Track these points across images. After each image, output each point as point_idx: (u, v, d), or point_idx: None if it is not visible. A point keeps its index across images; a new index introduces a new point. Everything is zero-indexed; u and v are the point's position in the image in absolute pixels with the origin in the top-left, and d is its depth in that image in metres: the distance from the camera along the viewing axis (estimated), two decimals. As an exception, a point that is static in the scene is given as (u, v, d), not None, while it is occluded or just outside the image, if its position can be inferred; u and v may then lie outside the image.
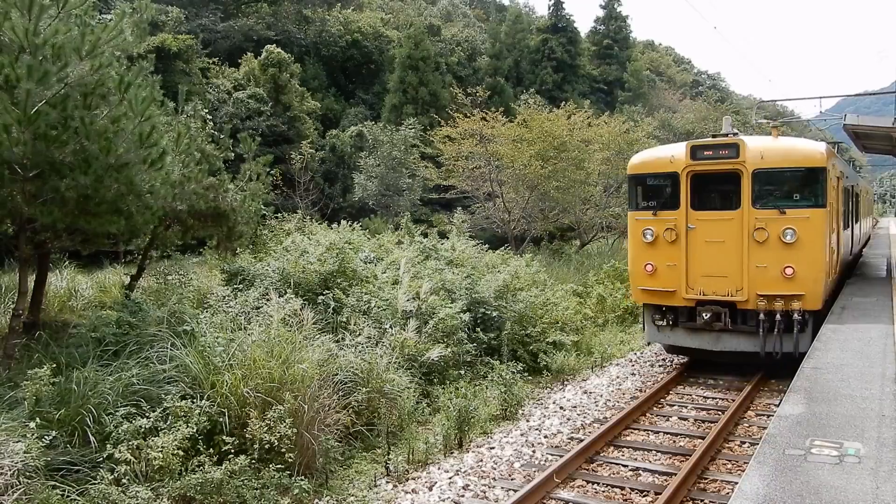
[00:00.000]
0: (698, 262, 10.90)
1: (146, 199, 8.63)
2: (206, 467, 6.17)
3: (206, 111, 12.64)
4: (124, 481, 5.97)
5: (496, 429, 8.96)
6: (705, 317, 10.74)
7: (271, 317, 8.62)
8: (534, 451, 8.14)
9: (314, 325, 8.98)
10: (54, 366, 6.86)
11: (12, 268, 13.95)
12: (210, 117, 12.73)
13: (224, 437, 6.63)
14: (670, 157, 11.27)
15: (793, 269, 10.17)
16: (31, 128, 7.22)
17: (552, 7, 64.70)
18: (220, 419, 6.87)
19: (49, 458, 5.93)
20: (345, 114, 46.40)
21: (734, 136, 11.28)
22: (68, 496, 5.79)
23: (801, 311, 10.20)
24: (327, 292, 10.62)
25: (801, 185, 10.57)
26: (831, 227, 11.16)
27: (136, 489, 5.82)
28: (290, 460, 6.71)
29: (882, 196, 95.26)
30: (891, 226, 46.78)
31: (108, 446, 6.18)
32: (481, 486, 7.11)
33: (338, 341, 8.95)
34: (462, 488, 7.04)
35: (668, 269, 11.06)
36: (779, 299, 10.26)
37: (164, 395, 6.86)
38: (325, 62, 49.88)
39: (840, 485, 4.81)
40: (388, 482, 7.25)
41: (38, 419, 6.10)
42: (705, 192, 11.10)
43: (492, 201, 25.79)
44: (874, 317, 10.80)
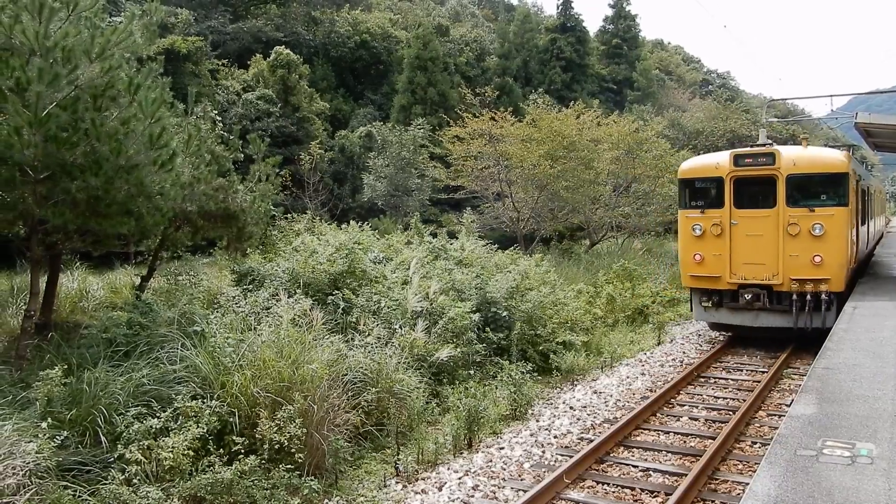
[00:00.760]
0: (740, 252, 12.86)
1: (156, 200, 8.67)
2: (217, 467, 6.18)
3: (216, 112, 12.66)
4: (135, 481, 5.99)
5: (506, 429, 8.95)
6: (747, 297, 12.68)
7: (281, 317, 8.65)
8: (543, 452, 8.13)
9: (324, 325, 8.99)
10: (66, 366, 6.91)
11: (24, 269, 14.03)
12: (219, 119, 12.76)
13: (234, 438, 6.65)
14: (716, 164, 13.25)
15: (820, 257, 12.14)
16: (42, 130, 7.26)
17: (561, 6, 64.56)
18: (231, 419, 6.89)
19: (61, 458, 5.96)
20: (354, 114, 46.48)
21: (770, 146, 13.28)
22: (80, 496, 5.82)
23: (827, 292, 12.07)
24: (337, 292, 10.63)
25: (827, 188, 12.47)
26: (851, 223, 12.98)
27: (147, 489, 5.85)
28: (299, 460, 6.73)
29: (894, 195, 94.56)
30: None
31: (119, 446, 6.21)
32: (491, 487, 7.10)
33: (347, 341, 8.96)
34: (472, 488, 7.03)
35: (715, 258, 13.04)
36: (809, 283, 12.18)
37: (174, 396, 6.89)
38: (333, 63, 49.96)
39: (852, 486, 4.77)
40: (397, 482, 7.25)
41: (49, 419, 6.13)
42: (746, 193, 12.97)
43: (501, 201, 25.76)
44: (885, 316, 10.77)
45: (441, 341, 10.14)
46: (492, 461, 7.79)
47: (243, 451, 6.56)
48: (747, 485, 5.90)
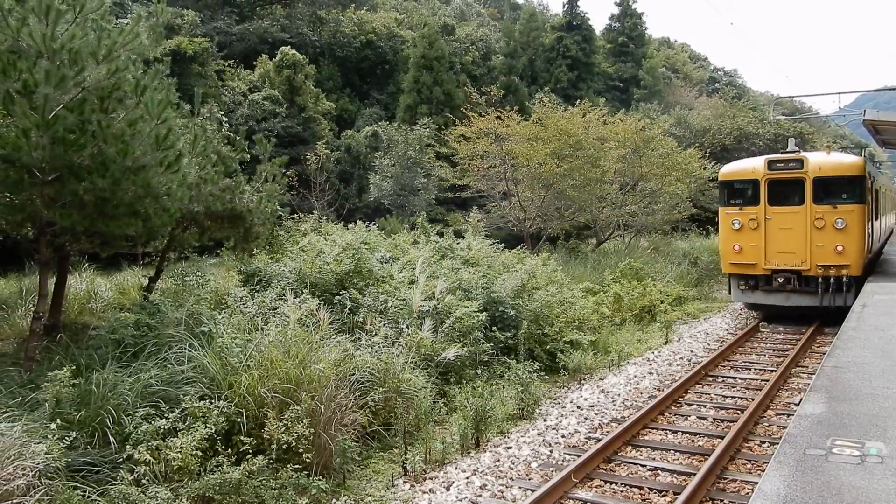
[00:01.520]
0: (773, 243, 15.18)
1: (163, 201, 8.68)
2: (225, 467, 6.19)
3: (222, 113, 12.65)
4: (144, 482, 6.01)
5: (513, 428, 8.94)
6: (779, 281, 15.06)
7: (288, 317, 8.65)
8: (551, 451, 8.11)
9: (331, 325, 9.00)
10: (74, 367, 6.93)
11: (32, 271, 14.10)
12: (226, 119, 12.77)
13: (242, 438, 6.65)
14: (752, 168, 15.67)
15: (842, 247, 14.46)
16: (50, 132, 7.29)
17: (567, 5, 64.50)
18: (238, 420, 6.90)
19: (70, 458, 5.98)
20: (359, 114, 46.53)
21: (798, 152, 15.74)
22: (89, 497, 5.84)
23: (847, 276, 14.39)
24: (344, 292, 10.64)
25: (847, 188, 14.72)
26: (867, 218, 15.24)
27: (156, 489, 5.86)
28: (307, 460, 6.73)
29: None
30: None
31: (127, 447, 6.23)
32: (499, 486, 7.09)
33: (354, 341, 8.96)
34: (479, 488, 7.03)
35: (751, 248, 15.32)
36: (832, 268, 14.47)
37: (182, 396, 6.89)
38: (339, 63, 50.02)
39: (862, 485, 4.75)
40: (405, 482, 7.25)
41: (58, 420, 6.16)
42: (778, 193, 15.25)
43: (507, 200, 25.73)
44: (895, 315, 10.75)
45: (448, 340, 10.14)
46: (499, 460, 7.78)
47: (251, 451, 6.56)
48: (756, 484, 5.88)
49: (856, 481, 4.81)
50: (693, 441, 8.50)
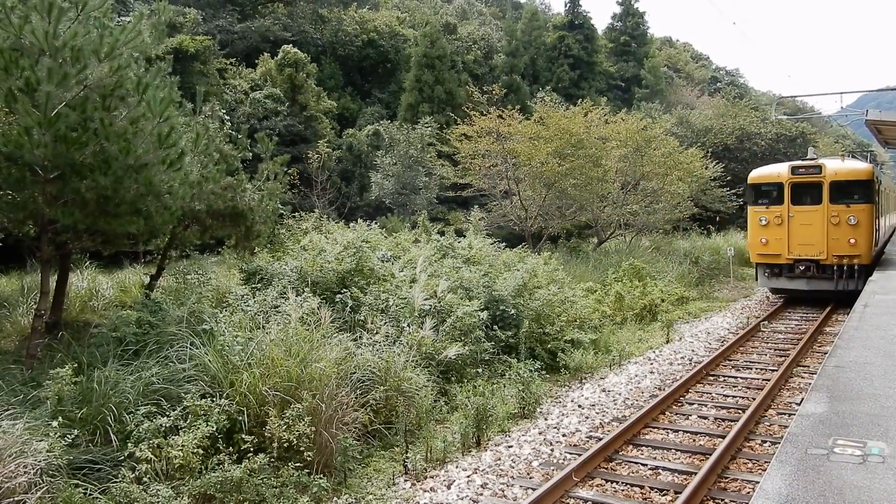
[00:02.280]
0: (795, 236, 17.50)
1: (165, 199, 8.70)
2: (226, 466, 6.20)
3: (224, 111, 12.67)
4: (145, 480, 6.02)
5: (514, 427, 8.94)
6: (800, 269, 17.44)
7: (289, 316, 8.66)
8: (552, 450, 8.11)
9: (332, 323, 9.00)
10: (76, 365, 6.94)
11: (34, 268, 14.10)
12: (227, 118, 12.78)
13: (243, 436, 6.66)
14: (777, 173, 18.03)
15: (854, 240, 16.75)
16: (52, 130, 7.30)
17: (568, 4, 64.36)
18: (240, 418, 6.91)
19: (71, 456, 6.00)
20: (361, 113, 46.46)
21: (816, 159, 18.35)
22: (90, 494, 5.85)
23: (858, 265, 16.73)
24: (345, 291, 10.64)
25: (858, 190, 17.07)
26: (875, 216, 17.60)
27: (157, 487, 5.87)
28: (308, 459, 6.74)
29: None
30: None
31: (129, 445, 6.24)
32: (500, 485, 7.09)
33: (355, 340, 8.96)
34: (480, 487, 7.03)
35: (776, 241, 17.69)
36: (846, 258, 16.79)
37: (183, 394, 6.91)
38: (341, 62, 49.95)
39: (864, 485, 4.74)
40: (406, 480, 7.25)
41: (60, 418, 6.16)
42: (800, 194, 17.61)
43: (509, 199, 25.71)
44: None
45: (449, 339, 10.14)
46: (500, 459, 7.78)
47: (252, 449, 6.58)
48: (757, 483, 5.88)
49: (857, 481, 4.81)
50: (694, 440, 8.50)
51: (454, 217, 32.18)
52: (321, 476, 6.79)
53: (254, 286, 11.09)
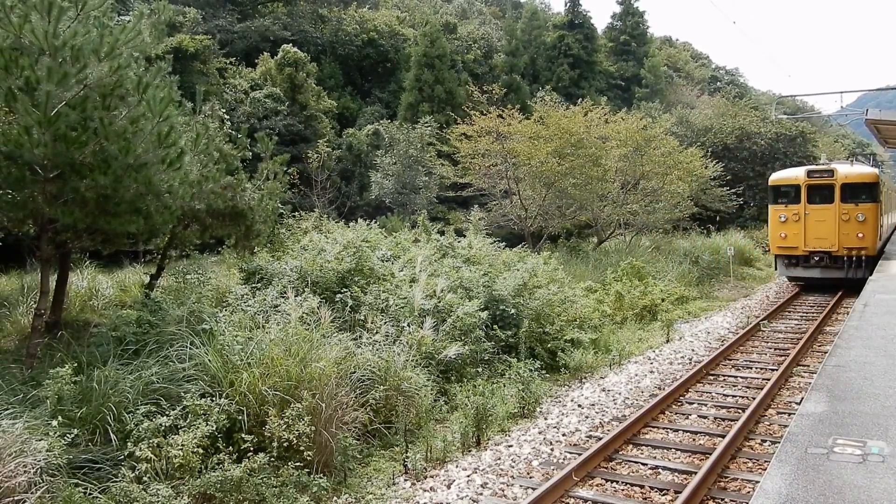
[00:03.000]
0: (811, 231, 19.79)
1: (165, 198, 8.69)
2: (226, 465, 6.20)
3: (224, 111, 12.65)
4: (145, 479, 6.02)
5: (514, 427, 8.94)
6: (815, 259, 19.76)
7: (289, 315, 8.65)
8: (552, 450, 8.11)
9: (332, 323, 9.00)
10: (76, 365, 6.94)
11: (34, 268, 14.10)
12: (227, 117, 12.76)
13: (243, 436, 6.66)
14: (795, 176, 20.53)
15: (862, 234, 19.09)
16: (52, 129, 7.29)
17: (568, 3, 64.24)
18: (239, 417, 6.91)
19: (71, 456, 5.99)
20: (361, 112, 46.41)
21: (829, 164, 20.98)
22: (90, 494, 5.84)
23: (865, 256, 19.13)
24: (345, 290, 10.63)
25: (865, 191, 19.47)
26: (880, 213, 20.13)
27: (157, 487, 5.87)
28: (308, 458, 6.74)
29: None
30: None
31: (128, 444, 6.24)
32: (499, 485, 7.09)
33: (355, 339, 8.97)
34: (480, 486, 7.03)
35: (794, 235, 19.97)
36: (854, 250, 19.13)
37: (183, 394, 6.91)
38: (341, 61, 49.89)
39: (864, 484, 4.74)
40: (406, 480, 7.25)
41: (60, 417, 6.16)
42: (815, 194, 19.89)
43: (508, 199, 25.70)
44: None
45: (449, 339, 10.14)
46: (500, 459, 7.78)
47: (252, 448, 6.58)
48: (757, 483, 5.88)
49: (857, 480, 4.81)
50: (694, 440, 8.50)
51: (454, 216, 32.18)
52: (321, 475, 6.79)
53: (254, 286, 11.08)
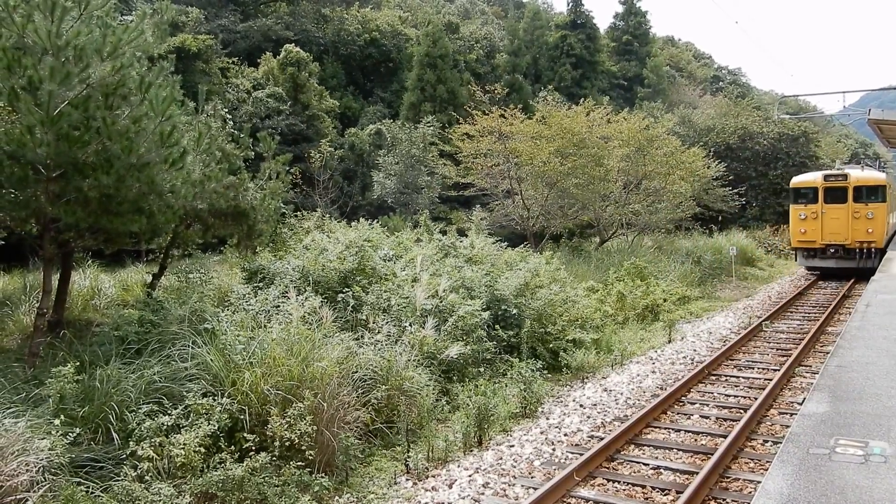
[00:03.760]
0: (827, 227, 22.68)
1: (167, 198, 8.70)
2: (228, 464, 6.21)
3: (226, 110, 12.67)
4: (147, 478, 6.02)
5: (516, 427, 8.94)
6: (831, 251, 22.71)
7: (291, 315, 8.66)
8: (554, 450, 8.11)
9: (334, 322, 9.01)
10: (78, 364, 6.95)
11: (37, 267, 14.12)
12: (230, 117, 12.78)
13: (245, 435, 6.67)
14: (813, 179, 23.61)
15: (872, 229, 22.01)
16: (54, 129, 7.30)
17: (571, 3, 64.27)
18: (241, 417, 6.92)
19: (73, 455, 6.01)
20: (363, 112, 46.43)
21: (842, 169, 23.88)
22: (92, 493, 5.86)
23: (874, 248, 22.11)
24: (347, 290, 10.63)
25: (875, 192, 22.52)
26: (888, 211, 22.96)
27: (159, 486, 5.88)
28: (310, 458, 6.74)
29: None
30: None
31: (131, 443, 6.25)
32: (501, 484, 7.10)
33: (357, 339, 8.97)
34: (482, 486, 7.03)
35: (812, 230, 22.93)
36: (865, 243, 22.07)
37: (185, 393, 6.92)
38: (343, 61, 49.92)
39: (866, 485, 4.74)
40: (408, 480, 7.26)
41: (62, 416, 6.18)
42: (830, 195, 22.83)
43: (510, 198, 25.69)
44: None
45: (451, 339, 10.14)
46: (502, 459, 7.79)
47: (254, 448, 6.58)
48: (759, 483, 5.87)
49: (859, 480, 4.81)
50: (696, 440, 8.50)
51: (456, 216, 32.18)
52: (323, 475, 6.80)
53: (256, 285, 11.10)
